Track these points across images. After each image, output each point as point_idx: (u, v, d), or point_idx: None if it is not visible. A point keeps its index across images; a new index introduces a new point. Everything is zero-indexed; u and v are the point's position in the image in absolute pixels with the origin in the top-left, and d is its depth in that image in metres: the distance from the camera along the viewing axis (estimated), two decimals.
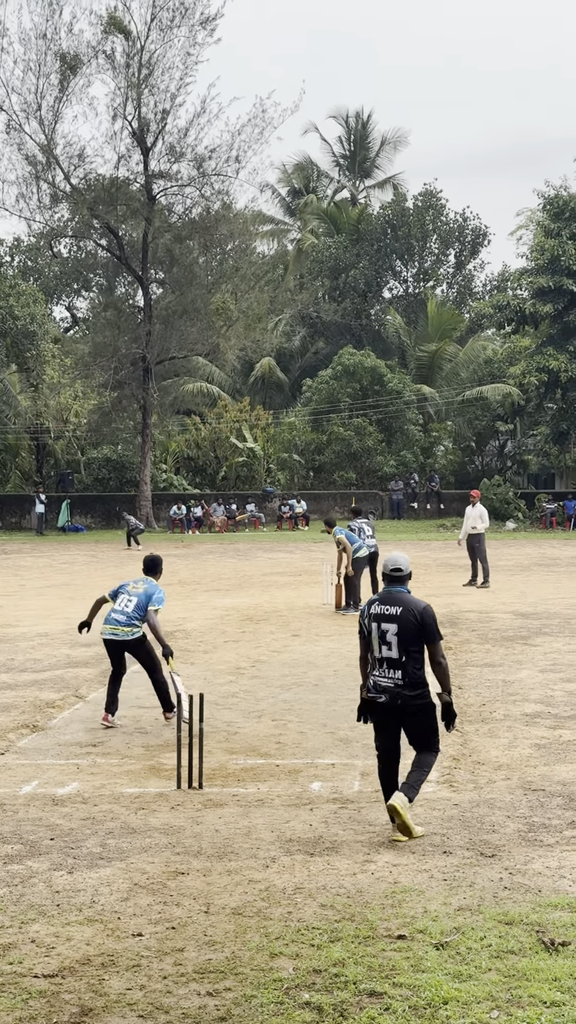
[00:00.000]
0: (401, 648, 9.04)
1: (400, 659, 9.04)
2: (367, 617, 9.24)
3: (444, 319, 60.63)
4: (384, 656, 9.09)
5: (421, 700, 9.09)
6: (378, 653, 9.12)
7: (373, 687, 9.15)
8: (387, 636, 9.07)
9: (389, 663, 9.08)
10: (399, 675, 9.05)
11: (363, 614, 9.32)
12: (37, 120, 49.06)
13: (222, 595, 25.78)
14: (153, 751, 11.92)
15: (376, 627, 9.14)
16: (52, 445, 59.22)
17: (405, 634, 9.04)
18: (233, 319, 52.09)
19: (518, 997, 6.22)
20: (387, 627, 9.08)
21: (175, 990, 6.40)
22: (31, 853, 8.73)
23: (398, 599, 9.20)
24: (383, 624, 9.11)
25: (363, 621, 9.29)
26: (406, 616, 9.07)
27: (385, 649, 9.08)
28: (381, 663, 9.11)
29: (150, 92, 49.21)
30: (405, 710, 9.07)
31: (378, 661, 9.13)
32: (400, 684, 9.05)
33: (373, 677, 9.17)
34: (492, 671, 15.85)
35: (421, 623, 9.05)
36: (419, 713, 9.10)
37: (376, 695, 9.12)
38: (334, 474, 55.64)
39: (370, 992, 6.31)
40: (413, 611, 9.07)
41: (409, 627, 9.05)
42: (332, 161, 75.65)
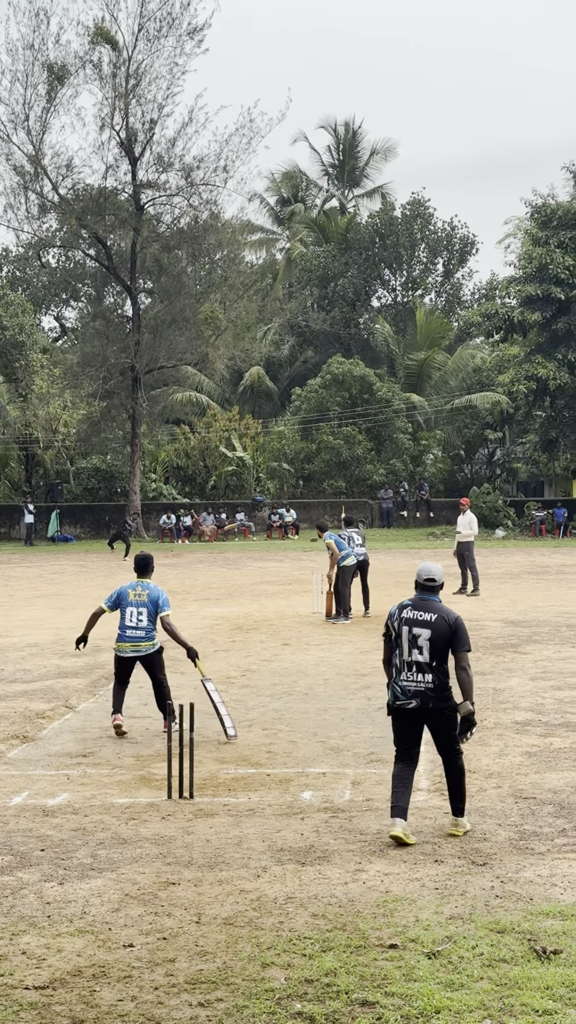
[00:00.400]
0: (432, 654, 9.19)
1: (431, 664, 9.19)
2: (397, 620, 9.37)
3: (433, 328, 60.72)
4: (414, 660, 9.22)
5: (449, 703, 9.23)
6: (407, 656, 9.25)
7: (401, 693, 9.26)
8: (419, 641, 9.23)
9: (419, 667, 9.22)
10: (429, 679, 9.20)
11: (392, 617, 9.44)
12: (25, 131, 49.15)
13: (212, 604, 25.76)
14: (144, 761, 11.90)
15: (407, 631, 9.28)
16: (41, 455, 59.15)
17: (437, 641, 9.21)
18: (222, 328, 52.13)
19: (510, 1006, 6.22)
20: (419, 632, 9.25)
21: (167, 1001, 6.38)
22: (21, 864, 8.70)
23: (432, 607, 9.38)
24: (415, 629, 9.27)
25: (391, 623, 9.42)
26: (440, 623, 9.25)
27: (416, 653, 9.22)
28: (410, 667, 9.24)
29: (138, 102, 49.32)
30: (434, 713, 9.21)
31: (407, 664, 9.25)
32: (431, 688, 9.18)
33: (400, 683, 9.27)
34: (482, 679, 15.84)
35: (454, 631, 9.23)
36: (447, 717, 9.24)
37: (406, 700, 9.22)
38: (324, 483, 55.67)
39: (362, 1002, 6.30)
40: (447, 619, 9.27)
41: (442, 634, 9.22)
42: (321, 170, 75.83)
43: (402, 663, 9.28)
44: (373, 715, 13.76)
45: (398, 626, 9.36)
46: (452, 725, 9.27)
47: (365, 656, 18.09)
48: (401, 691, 9.25)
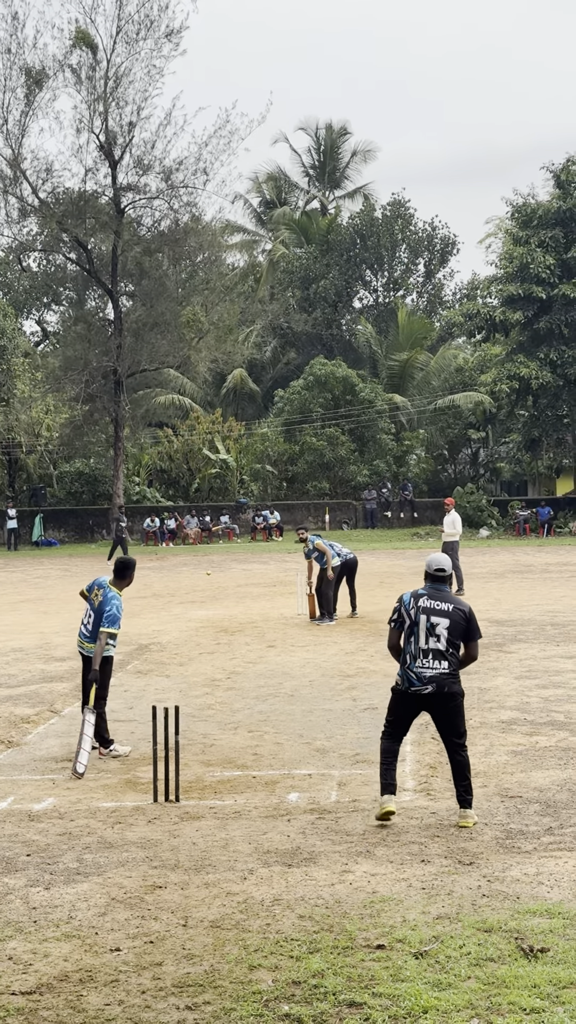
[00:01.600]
0: (448, 641, 9.55)
1: (447, 651, 9.54)
2: (414, 608, 9.65)
3: (415, 328, 60.78)
4: (431, 648, 9.55)
5: (459, 687, 9.64)
6: (424, 644, 9.55)
7: (417, 679, 9.53)
8: (437, 629, 9.55)
9: (435, 654, 9.54)
10: (445, 665, 9.54)
11: (407, 605, 9.71)
12: (3, 135, 49.07)
13: (197, 607, 25.75)
14: (129, 765, 11.88)
15: (426, 619, 9.60)
16: (24, 459, 59.01)
17: (454, 629, 9.58)
18: (204, 331, 52.10)
19: (498, 1005, 6.22)
20: (437, 620, 9.58)
21: (154, 1004, 6.37)
22: (7, 869, 8.68)
23: (446, 596, 9.75)
24: (433, 617, 9.59)
25: (407, 611, 9.68)
26: (457, 614, 9.64)
27: (433, 641, 9.55)
28: (426, 654, 9.56)
29: (116, 105, 49.26)
30: (447, 697, 9.54)
31: (423, 652, 9.57)
32: (446, 674, 9.53)
33: (416, 669, 9.55)
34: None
35: (469, 621, 9.65)
36: (457, 702, 9.60)
37: (422, 686, 9.51)
38: (307, 484, 55.68)
39: (350, 1003, 6.30)
40: (462, 610, 9.67)
41: (459, 623, 9.60)
42: (302, 172, 75.85)
43: (418, 650, 9.56)
44: (359, 716, 13.76)
45: (415, 614, 9.63)
46: (460, 711, 9.62)
47: (350, 657, 18.09)
48: (417, 677, 9.53)
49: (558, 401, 51.14)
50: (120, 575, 12.49)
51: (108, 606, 12.09)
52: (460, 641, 9.61)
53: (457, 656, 9.62)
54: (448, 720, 9.64)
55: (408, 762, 11.52)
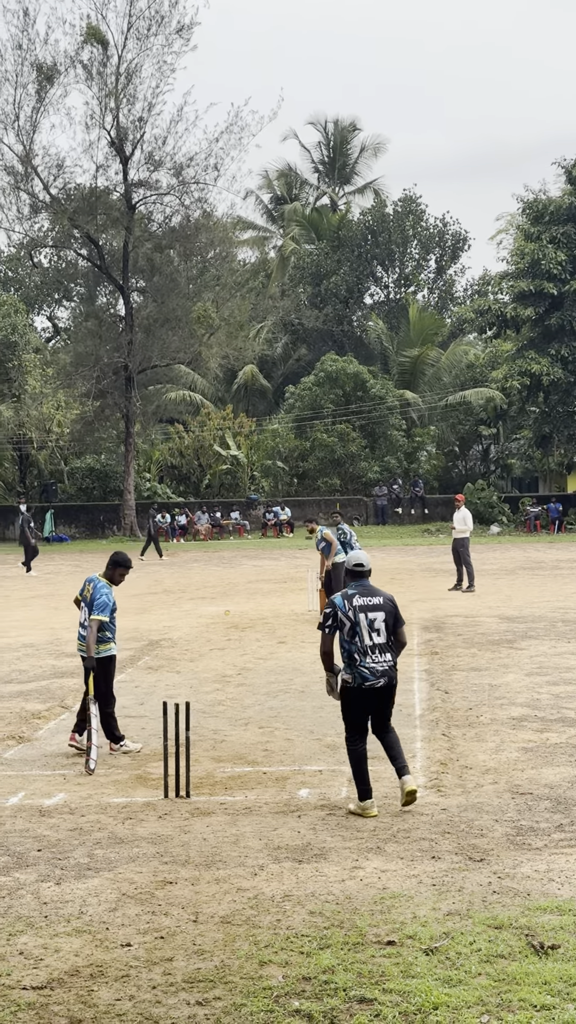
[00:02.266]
0: (387, 633, 9.84)
1: (388, 643, 9.84)
2: (351, 610, 9.79)
3: (426, 324, 60.70)
4: (376, 643, 9.79)
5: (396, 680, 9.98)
6: (368, 640, 9.75)
7: (370, 674, 9.71)
8: (376, 624, 9.81)
9: (380, 648, 9.80)
10: (388, 657, 9.84)
11: (343, 608, 9.83)
12: (15, 131, 49.08)
13: (207, 603, 25.75)
14: (140, 760, 11.89)
15: (364, 616, 9.81)
16: (35, 455, 59.10)
17: (389, 620, 9.88)
18: (215, 327, 52.10)
19: (508, 1001, 6.21)
20: (374, 615, 9.83)
21: (165, 1000, 6.37)
22: (18, 865, 8.69)
23: (374, 590, 10.02)
24: (370, 613, 9.83)
25: (344, 614, 9.80)
26: (388, 603, 9.96)
27: (375, 636, 9.80)
28: (373, 649, 9.80)
29: (128, 101, 49.27)
30: (393, 690, 9.90)
31: (369, 648, 9.76)
32: (391, 666, 9.84)
33: (367, 665, 9.72)
34: (478, 675, 15.85)
35: (396, 608, 10.00)
36: (394, 691, 9.97)
37: (375, 680, 9.71)
38: (318, 481, 55.63)
39: (360, 999, 6.30)
40: (389, 599, 10.02)
41: (391, 613, 9.92)
42: (311, 167, 75.78)
43: (365, 647, 9.78)
44: None
45: (353, 615, 9.80)
46: (394, 698, 10.00)
47: None
48: (370, 672, 9.73)
49: (569, 397, 51.05)
50: (110, 568, 12.45)
51: (98, 595, 12.10)
52: (394, 630, 9.92)
53: (396, 647, 9.94)
54: (388, 709, 9.96)
55: (418, 758, 11.52)
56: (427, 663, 16.94)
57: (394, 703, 10.04)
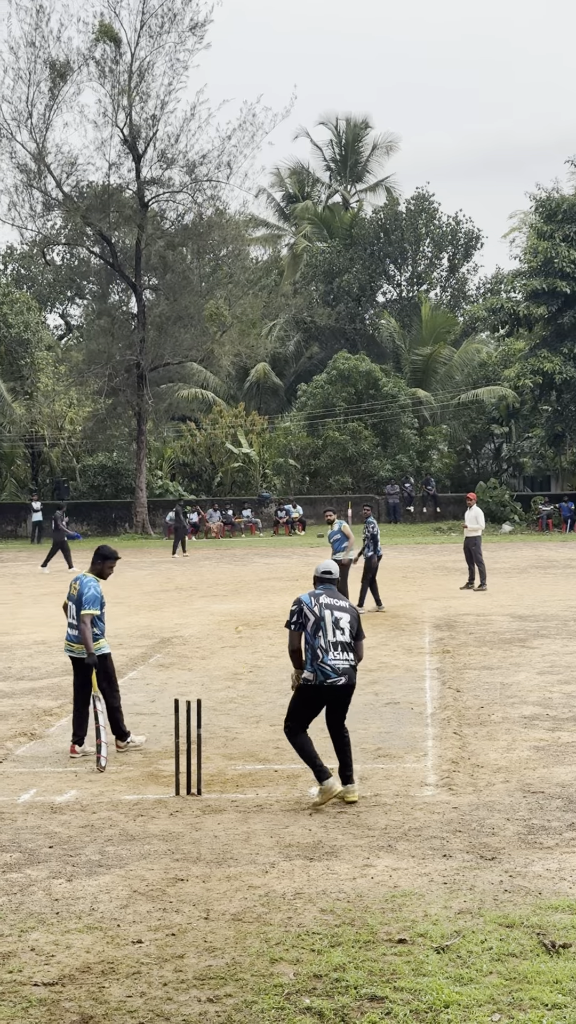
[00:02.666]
0: (351, 634, 10.06)
1: (351, 643, 10.04)
2: (317, 606, 10.06)
3: (438, 322, 60.63)
4: (339, 640, 10.00)
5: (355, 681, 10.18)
6: (332, 638, 9.92)
7: (332, 671, 9.89)
8: (341, 623, 10.03)
9: (343, 647, 10.01)
10: (351, 657, 10.06)
11: (309, 604, 10.04)
12: (28, 129, 49.09)
13: (219, 601, 25.76)
14: (151, 758, 11.90)
15: (330, 614, 10.03)
16: (47, 453, 59.18)
17: (353, 623, 10.12)
18: (227, 325, 52.10)
19: (519, 1000, 6.21)
20: (340, 616, 10.06)
21: (175, 997, 6.38)
22: (30, 861, 8.71)
23: (339, 595, 10.31)
24: (336, 612, 10.07)
25: (310, 610, 9.99)
26: (353, 610, 10.25)
27: (340, 634, 10.00)
28: (336, 647, 9.99)
29: (140, 99, 49.27)
30: (351, 690, 10.08)
31: (332, 645, 9.97)
32: (352, 665, 10.05)
33: (329, 662, 9.89)
34: (490, 674, 15.84)
35: (359, 620, 10.24)
36: (351, 692, 10.15)
37: (336, 678, 9.94)
38: (330, 478, 55.60)
39: (371, 996, 6.30)
40: (356, 608, 10.40)
41: (355, 619, 10.19)
42: (323, 165, 75.72)
43: (328, 644, 9.91)
44: (380, 711, 13.76)
45: (319, 611, 10.02)
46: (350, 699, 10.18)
47: (372, 652, 18.07)
48: (332, 669, 9.89)
49: None
50: (99, 563, 12.42)
51: (86, 589, 12.02)
52: (357, 634, 10.12)
53: (357, 650, 10.12)
54: (343, 710, 10.12)
55: (430, 756, 11.52)
56: (439, 661, 16.93)
57: (348, 705, 10.18)
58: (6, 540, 52.09)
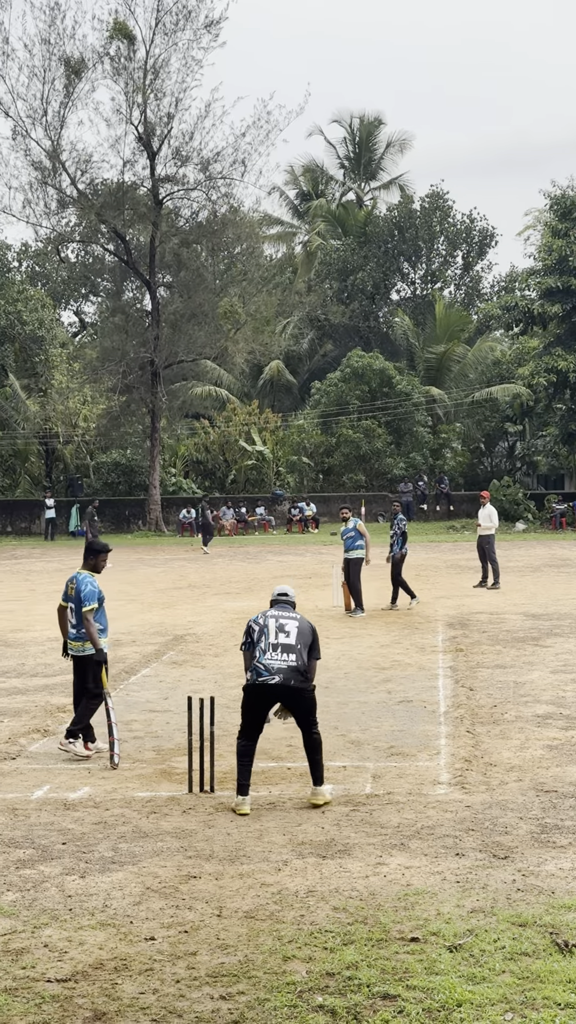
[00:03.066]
0: (298, 638, 9.93)
1: (295, 645, 9.89)
2: (263, 618, 10.09)
3: (452, 320, 60.54)
4: (280, 642, 9.90)
5: (308, 685, 9.91)
6: (273, 639, 9.85)
7: (265, 670, 9.77)
8: (287, 627, 9.98)
9: (284, 648, 9.87)
10: (293, 658, 9.83)
11: (257, 619, 10.05)
12: (43, 126, 49.14)
13: (232, 598, 25.77)
14: (164, 755, 11.91)
15: (275, 622, 10.03)
16: (61, 450, 59.27)
17: (304, 632, 10.00)
18: (241, 322, 52.09)
19: (532, 999, 6.21)
20: (286, 622, 10.03)
21: (188, 994, 6.39)
22: (43, 858, 8.72)
23: (292, 613, 10.21)
24: (282, 620, 10.06)
25: (256, 623, 10.09)
26: (305, 622, 10.13)
27: (283, 636, 9.92)
28: (276, 648, 9.87)
29: (155, 97, 49.27)
30: (295, 692, 9.81)
31: (272, 646, 9.88)
32: (293, 667, 9.80)
33: (264, 661, 9.81)
34: (503, 672, 15.82)
35: (315, 635, 10.10)
36: (307, 697, 9.91)
37: (268, 677, 9.77)
38: (343, 476, 55.58)
39: (384, 995, 6.30)
40: (310, 624, 10.14)
41: (307, 629, 10.05)
42: (337, 163, 75.69)
43: (268, 645, 9.93)
44: (393, 709, 13.75)
45: (264, 621, 10.03)
46: (311, 704, 9.97)
47: (385, 650, 18.08)
48: (265, 668, 9.77)
49: None
50: (91, 559, 12.44)
51: (83, 586, 12.04)
52: (308, 645, 9.95)
53: (305, 654, 9.90)
54: (299, 710, 9.96)
55: (443, 755, 11.52)
56: (452, 660, 16.92)
57: (309, 707, 9.94)
58: (20, 537, 52.20)
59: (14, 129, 49.22)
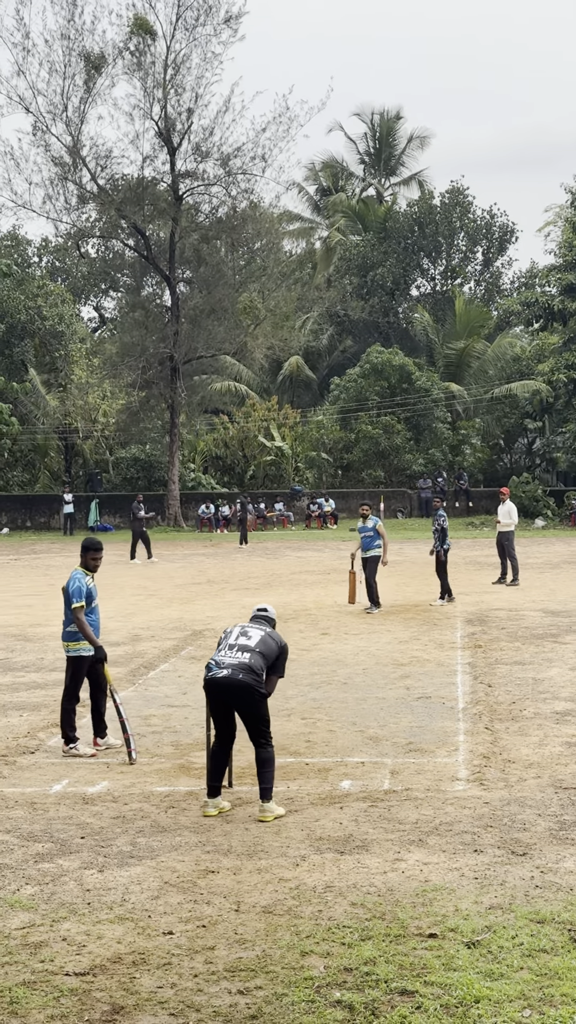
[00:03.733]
0: (257, 644, 9.76)
1: (255, 649, 9.72)
2: (233, 626, 10.10)
3: (472, 316, 60.41)
4: (238, 643, 9.80)
5: (259, 686, 9.60)
6: (233, 640, 9.85)
7: (215, 665, 9.66)
8: (249, 633, 9.90)
9: (240, 648, 9.74)
10: (246, 657, 9.65)
11: (228, 630, 10.07)
12: (63, 121, 49.17)
13: (251, 594, 25.77)
14: (183, 750, 11.93)
15: (240, 627, 10.03)
16: (80, 445, 59.36)
17: (268, 641, 9.85)
18: (260, 318, 52.06)
19: (550, 996, 6.20)
20: (249, 629, 9.97)
21: (206, 988, 6.40)
22: (62, 851, 8.75)
23: (265, 627, 10.07)
24: (248, 628, 10.00)
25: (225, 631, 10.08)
26: (274, 638, 9.94)
27: (243, 639, 9.84)
28: (232, 647, 9.78)
29: (175, 92, 49.26)
30: (243, 690, 9.52)
31: (229, 646, 9.81)
32: (245, 665, 9.58)
33: (214, 658, 9.74)
34: (522, 669, 15.79)
35: (281, 650, 9.89)
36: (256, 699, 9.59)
37: (216, 671, 9.63)
38: (362, 472, 55.54)
39: (401, 991, 6.30)
40: (277, 637, 9.96)
41: (270, 642, 9.86)
42: (357, 159, 75.63)
43: (225, 645, 9.84)
44: (412, 705, 13.74)
45: (230, 629, 10.04)
46: (260, 709, 9.63)
47: (404, 646, 18.06)
48: (215, 663, 9.68)
49: None
50: (82, 556, 12.45)
51: (71, 584, 12.06)
52: (270, 654, 9.73)
53: (262, 660, 9.67)
54: (246, 713, 9.66)
55: (461, 751, 11.50)
56: (470, 656, 16.90)
57: (257, 712, 9.61)
58: (39, 532, 52.31)
59: (34, 125, 49.28)
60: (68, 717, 12.00)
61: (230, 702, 9.65)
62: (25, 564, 36.02)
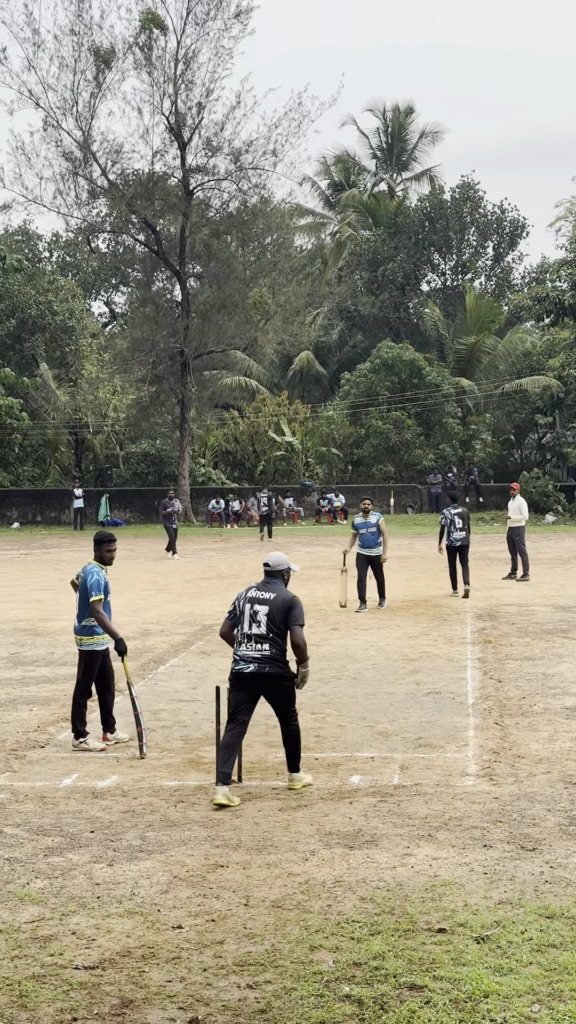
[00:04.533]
0: (268, 627, 10.10)
1: (267, 635, 10.08)
2: (243, 600, 10.33)
3: (483, 311, 60.32)
4: (252, 633, 10.15)
5: (285, 672, 10.13)
6: (247, 630, 10.18)
7: (240, 659, 10.08)
8: (257, 616, 10.17)
9: (257, 639, 10.11)
10: (266, 647, 10.07)
11: (240, 598, 10.37)
12: (74, 116, 49.17)
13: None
14: (193, 744, 11.94)
15: (249, 607, 10.25)
16: (91, 440, 59.42)
17: (276, 616, 10.14)
18: (271, 313, 52.03)
19: (560, 991, 6.19)
20: (258, 608, 10.21)
21: (215, 982, 6.40)
22: (71, 845, 8.76)
23: (273, 588, 10.37)
24: (255, 606, 10.23)
25: (238, 603, 10.35)
26: (276, 600, 10.22)
27: (254, 627, 10.17)
28: (249, 639, 10.15)
29: (186, 87, 49.23)
30: (271, 679, 10.08)
31: (246, 637, 10.17)
32: (267, 656, 10.05)
33: (239, 652, 10.13)
34: (532, 664, 15.78)
35: (290, 607, 10.18)
36: (284, 685, 10.15)
37: (243, 666, 10.10)
38: (372, 467, 55.53)
39: (410, 985, 6.29)
40: (284, 597, 10.26)
41: (279, 610, 10.17)
42: (369, 154, 75.55)
43: (242, 636, 10.20)
44: (422, 700, 13.74)
45: (242, 604, 10.31)
46: (288, 693, 10.20)
47: (414, 641, 18.05)
48: (241, 658, 10.13)
49: None
50: (96, 550, 12.44)
51: (89, 577, 12.07)
52: (281, 626, 10.09)
53: (279, 641, 10.08)
54: (275, 699, 10.20)
55: (471, 747, 11.50)
56: (480, 651, 16.88)
57: (285, 696, 10.13)
58: (49, 526, 52.36)
59: (45, 120, 49.33)
60: (79, 711, 12.03)
61: (260, 691, 10.17)
62: (35, 559, 36.07)
